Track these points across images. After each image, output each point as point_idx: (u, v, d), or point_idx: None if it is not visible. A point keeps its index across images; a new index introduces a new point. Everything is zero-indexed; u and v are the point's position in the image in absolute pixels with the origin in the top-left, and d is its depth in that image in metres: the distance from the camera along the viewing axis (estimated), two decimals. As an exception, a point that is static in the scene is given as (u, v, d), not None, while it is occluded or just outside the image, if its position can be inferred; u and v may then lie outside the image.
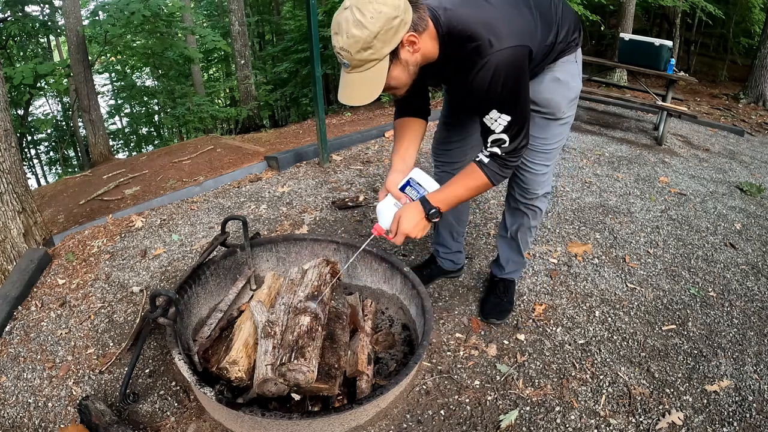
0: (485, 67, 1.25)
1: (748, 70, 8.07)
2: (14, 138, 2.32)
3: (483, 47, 1.24)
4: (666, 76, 4.60)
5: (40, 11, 9.22)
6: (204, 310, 1.82)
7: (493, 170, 1.40)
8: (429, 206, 1.43)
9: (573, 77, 1.55)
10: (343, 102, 1.29)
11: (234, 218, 1.79)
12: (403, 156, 1.56)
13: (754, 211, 3.24)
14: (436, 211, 1.43)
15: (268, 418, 1.28)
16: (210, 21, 15.22)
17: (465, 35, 1.26)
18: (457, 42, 1.28)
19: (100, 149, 7.86)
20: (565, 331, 1.93)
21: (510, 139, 1.35)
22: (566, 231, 2.70)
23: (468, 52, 1.26)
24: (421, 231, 1.45)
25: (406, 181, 1.51)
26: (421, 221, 1.44)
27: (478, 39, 1.25)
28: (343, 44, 1.19)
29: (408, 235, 1.44)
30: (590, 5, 7.77)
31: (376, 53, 1.19)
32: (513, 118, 1.32)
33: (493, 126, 1.34)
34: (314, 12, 2.99)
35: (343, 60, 1.22)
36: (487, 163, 1.40)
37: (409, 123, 1.59)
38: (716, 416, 1.60)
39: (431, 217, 1.43)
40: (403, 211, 1.45)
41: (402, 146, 1.58)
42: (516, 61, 1.27)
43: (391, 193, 1.53)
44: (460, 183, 1.45)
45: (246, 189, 3.12)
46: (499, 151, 1.37)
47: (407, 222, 1.43)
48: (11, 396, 1.61)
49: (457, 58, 1.30)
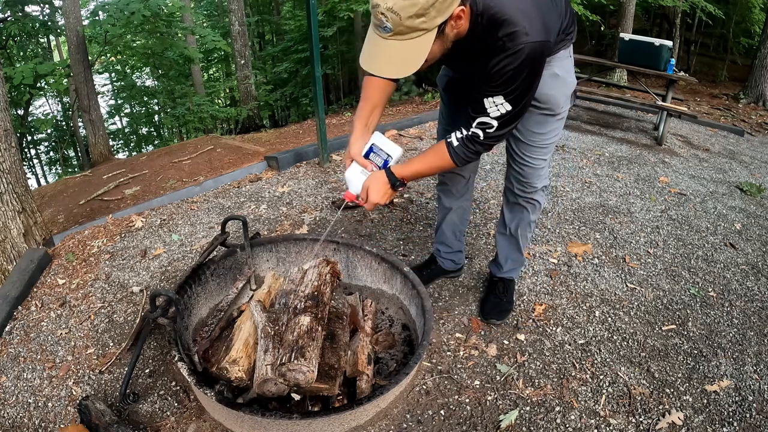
0: (516, 54, 1.22)
1: (748, 70, 8.06)
2: (14, 138, 2.32)
3: (518, 34, 1.21)
4: (666, 76, 4.60)
5: (40, 11, 9.23)
6: (204, 310, 1.82)
7: (459, 154, 1.43)
8: (394, 178, 1.49)
9: (569, 72, 1.56)
10: (371, 71, 1.21)
11: (234, 218, 1.79)
12: (366, 120, 1.58)
13: (754, 211, 3.24)
14: (400, 182, 1.50)
15: (268, 418, 1.28)
16: (210, 21, 15.23)
17: (500, 19, 1.21)
18: (489, 24, 1.23)
19: (100, 149, 7.86)
20: (565, 331, 1.93)
21: (498, 126, 1.35)
22: (566, 231, 2.70)
23: (500, 36, 1.22)
24: (387, 198, 1.52)
25: (369, 147, 1.56)
26: (387, 191, 1.51)
27: (515, 25, 1.21)
28: (394, 5, 1.07)
29: (377, 203, 1.51)
30: (590, 5, 7.77)
31: (428, 22, 1.11)
32: (513, 109, 1.32)
33: (491, 109, 1.33)
34: (314, 12, 2.99)
35: (386, 23, 1.10)
36: (455, 146, 1.43)
37: (379, 84, 1.54)
38: (716, 416, 1.60)
39: (396, 187, 1.51)
40: (371, 181, 1.50)
41: (367, 109, 1.57)
42: (543, 56, 1.26)
43: (356, 161, 1.56)
44: (426, 159, 1.51)
45: (246, 189, 3.12)
46: (481, 134, 1.38)
47: (375, 191, 1.49)
48: (11, 396, 1.61)
49: (485, 41, 1.25)
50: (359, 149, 1.56)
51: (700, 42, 11.35)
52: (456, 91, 1.75)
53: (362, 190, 1.52)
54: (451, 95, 1.77)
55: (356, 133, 1.57)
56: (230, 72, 14.75)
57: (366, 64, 1.21)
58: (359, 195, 1.55)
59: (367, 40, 1.22)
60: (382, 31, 1.14)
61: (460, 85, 1.71)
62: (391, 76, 1.21)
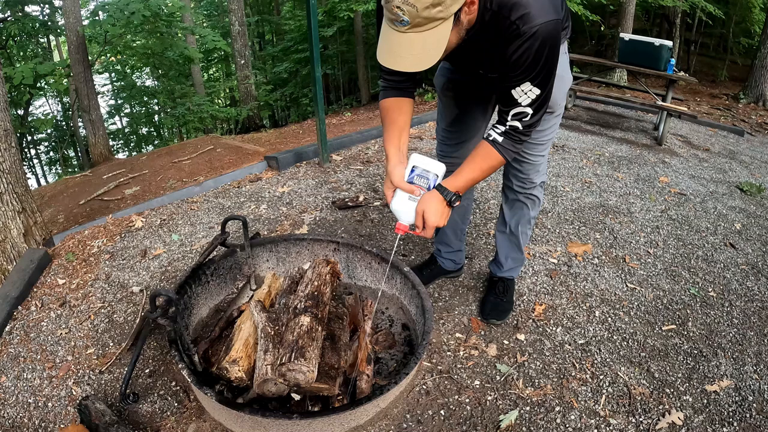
0: (533, 37, 1.20)
1: (748, 70, 8.06)
2: (14, 138, 2.32)
3: (530, 16, 1.18)
4: (666, 76, 4.60)
5: (40, 11, 9.22)
6: (204, 310, 1.82)
7: (507, 147, 1.38)
8: (449, 193, 1.40)
9: (565, 69, 1.56)
10: (392, 67, 1.17)
11: (234, 218, 1.79)
12: (398, 145, 1.49)
13: (754, 211, 3.24)
14: (456, 195, 1.41)
15: (268, 418, 1.28)
16: (210, 21, 15.23)
17: (510, 2, 1.19)
18: (499, 9, 1.21)
19: (100, 149, 7.85)
20: (565, 331, 1.93)
21: (533, 112, 1.33)
22: (566, 231, 2.70)
23: (513, 20, 1.20)
24: (446, 218, 1.43)
25: (410, 170, 1.46)
26: (445, 209, 1.42)
27: (525, 7, 1.19)
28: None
29: (437, 226, 1.41)
30: (590, 5, 7.77)
31: (445, 11, 1.09)
32: (542, 92, 1.30)
33: (521, 98, 1.31)
34: (314, 12, 2.99)
35: (404, 16, 1.09)
36: (501, 141, 1.37)
37: (400, 105, 1.50)
38: (716, 416, 1.60)
39: (452, 203, 1.42)
40: (425, 204, 1.40)
41: (395, 133, 1.50)
42: (558, 33, 1.24)
43: (400, 188, 1.45)
44: (475, 165, 1.42)
45: (246, 189, 3.12)
46: (520, 124, 1.35)
47: (433, 213, 1.39)
48: (11, 396, 1.61)
49: (497, 28, 1.24)
50: (401, 175, 1.44)
51: (700, 42, 11.35)
52: (455, 90, 1.73)
53: (417, 217, 1.41)
54: (450, 95, 1.76)
55: (392, 161, 1.46)
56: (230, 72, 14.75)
57: (386, 60, 1.18)
58: (413, 225, 1.44)
59: (383, 37, 1.19)
60: (399, 25, 1.12)
61: (459, 84, 1.70)
62: (413, 69, 1.18)
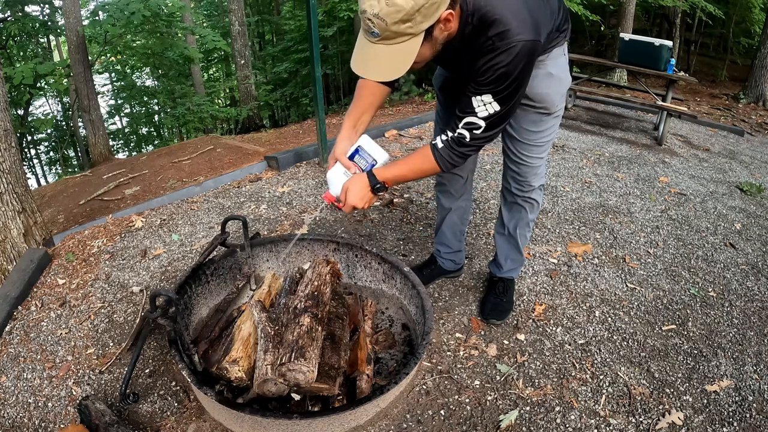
0: (506, 53, 1.21)
1: (748, 70, 8.06)
2: (14, 138, 2.32)
3: (508, 34, 1.20)
4: (666, 76, 4.60)
5: (40, 11, 9.22)
6: (204, 310, 1.82)
7: (445, 157, 1.40)
8: (375, 180, 1.43)
9: (564, 70, 1.55)
10: (362, 75, 1.22)
11: (234, 218, 1.79)
12: (356, 122, 1.53)
13: (754, 211, 3.24)
14: (381, 185, 1.44)
15: (269, 418, 1.28)
16: (210, 21, 15.22)
17: (491, 19, 1.21)
18: (480, 24, 1.23)
19: (100, 149, 7.85)
20: (565, 331, 1.93)
21: (486, 127, 1.33)
22: (566, 231, 2.70)
23: (489, 36, 1.22)
24: (367, 203, 1.46)
25: (354, 149, 1.51)
26: (368, 194, 1.45)
27: (505, 25, 1.20)
28: (380, 11, 1.09)
29: (355, 206, 1.45)
30: (590, 5, 7.77)
31: (414, 27, 1.12)
32: (502, 109, 1.30)
33: (479, 109, 1.31)
34: (314, 12, 2.99)
35: (374, 29, 1.13)
36: (440, 148, 1.39)
37: (373, 87, 1.52)
38: (716, 416, 1.60)
39: (376, 191, 1.45)
40: (351, 183, 1.45)
41: (358, 110, 1.53)
42: (533, 55, 1.25)
43: (339, 161, 1.51)
44: (409, 163, 1.45)
45: (246, 189, 3.12)
46: (468, 135, 1.35)
47: (353, 194, 1.43)
48: (11, 396, 1.61)
49: (475, 41, 1.25)
50: (344, 149, 1.51)
51: (700, 42, 11.34)
52: (450, 91, 1.74)
53: (341, 192, 1.46)
54: (446, 95, 1.77)
55: (343, 133, 1.53)
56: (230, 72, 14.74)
57: (356, 67, 1.23)
58: (339, 197, 1.50)
59: (358, 44, 1.23)
60: (371, 36, 1.16)
61: (454, 85, 1.70)
62: (379, 79, 1.22)
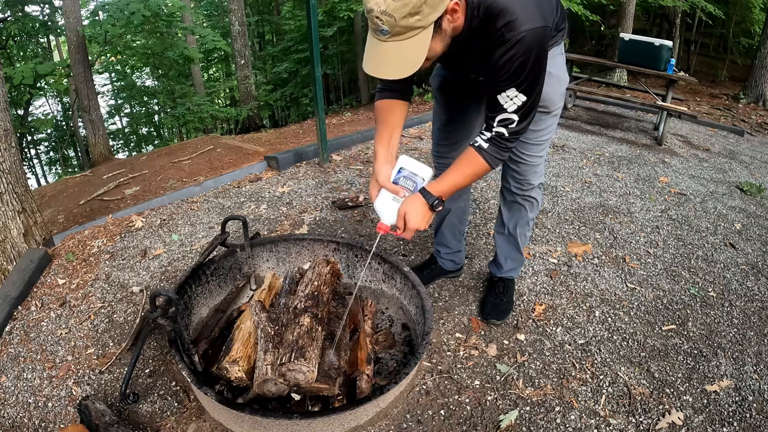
0: (518, 44, 1.21)
1: (748, 70, 8.06)
2: (14, 138, 2.32)
3: (516, 23, 1.20)
4: (666, 76, 4.60)
5: (40, 11, 9.22)
6: (204, 310, 1.82)
7: (492, 154, 1.39)
8: (432, 197, 1.41)
9: (562, 69, 1.56)
10: (375, 75, 1.20)
11: (234, 218, 1.79)
12: (388, 145, 1.51)
13: (754, 211, 3.24)
14: (438, 200, 1.41)
15: (269, 418, 1.28)
16: (210, 21, 15.22)
17: (497, 10, 1.21)
18: (486, 16, 1.23)
19: (100, 149, 7.85)
20: (565, 331, 1.93)
21: (519, 119, 1.33)
22: (566, 231, 2.70)
23: (498, 27, 1.22)
24: (427, 222, 1.44)
25: (397, 171, 1.47)
26: (427, 213, 1.42)
27: (511, 15, 1.20)
28: (387, 7, 1.09)
29: (417, 229, 1.42)
30: (590, 5, 7.77)
31: (423, 20, 1.12)
32: (529, 98, 1.30)
33: (507, 104, 1.31)
34: (314, 12, 2.99)
35: (383, 26, 1.12)
36: (486, 147, 1.38)
37: (393, 106, 1.51)
38: (716, 416, 1.60)
39: (435, 207, 1.42)
40: (407, 206, 1.41)
41: (386, 133, 1.51)
42: (544, 41, 1.25)
43: (385, 188, 1.48)
44: (459, 170, 1.43)
45: (246, 189, 3.12)
46: (505, 131, 1.35)
47: (414, 216, 1.40)
48: (11, 396, 1.61)
49: (484, 34, 1.25)
50: (387, 175, 1.46)
51: (700, 42, 11.34)
52: (450, 91, 1.74)
53: (398, 218, 1.41)
54: (444, 96, 1.77)
55: (380, 160, 1.48)
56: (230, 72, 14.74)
57: (369, 68, 1.21)
58: (394, 225, 1.45)
59: (368, 46, 1.22)
60: (380, 34, 1.15)
61: (454, 85, 1.70)
62: (395, 77, 1.21)
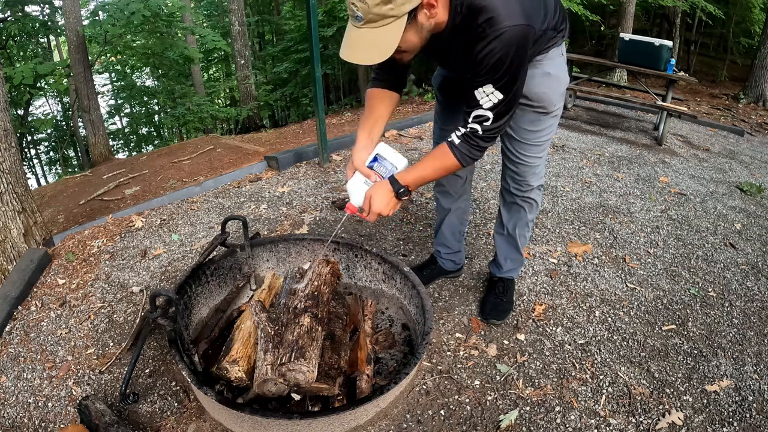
0: (497, 39, 1.22)
1: (748, 70, 8.06)
2: (14, 138, 2.32)
3: (497, 20, 1.21)
4: (666, 76, 4.60)
5: (40, 11, 9.22)
6: (204, 310, 1.82)
7: (463, 152, 1.40)
8: (398, 185, 1.44)
9: (562, 70, 1.56)
10: (348, 60, 1.23)
11: (234, 218, 1.79)
12: (370, 131, 1.55)
13: (754, 211, 3.24)
14: (405, 189, 1.44)
15: (269, 418, 1.28)
16: (210, 21, 15.22)
17: (479, 6, 1.22)
18: (469, 13, 1.24)
19: (100, 149, 7.85)
20: (565, 331, 1.93)
21: (494, 117, 1.34)
22: (566, 231, 2.70)
23: (479, 23, 1.23)
24: (391, 209, 1.47)
25: (373, 157, 1.51)
26: (392, 200, 1.46)
27: (493, 11, 1.21)
28: None
29: (380, 214, 1.45)
30: (590, 5, 7.76)
31: (396, 9, 1.15)
32: (505, 97, 1.31)
33: (483, 100, 1.32)
34: (314, 12, 2.99)
35: (357, 12, 1.16)
36: (458, 144, 1.40)
37: (382, 95, 1.55)
38: (716, 416, 1.60)
39: (400, 196, 1.45)
40: (374, 190, 1.45)
41: (370, 120, 1.55)
42: (526, 40, 1.26)
43: (359, 171, 1.52)
44: (429, 163, 1.46)
45: (246, 189, 3.12)
46: (479, 128, 1.36)
47: (378, 201, 1.44)
48: (11, 396, 1.61)
49: (466, 31, 1.27)
50: (362, 159, 1.52)
51: (700, 42, 11.34)
52: (450, 90, 1.74)
53: (365, 201, 1.47)
54: (445, 95, 1.77)
55: (359, 144, 1.54)
56: (230, 72, 14.74)
57: (344, 53, 1.24)
58: (361, 208, 1.50)
59: (346, 32, 1.25)
60: (356, 21, 1.19)
61: (454, 84, 1.71)
62: (363, 62, 1.24)
